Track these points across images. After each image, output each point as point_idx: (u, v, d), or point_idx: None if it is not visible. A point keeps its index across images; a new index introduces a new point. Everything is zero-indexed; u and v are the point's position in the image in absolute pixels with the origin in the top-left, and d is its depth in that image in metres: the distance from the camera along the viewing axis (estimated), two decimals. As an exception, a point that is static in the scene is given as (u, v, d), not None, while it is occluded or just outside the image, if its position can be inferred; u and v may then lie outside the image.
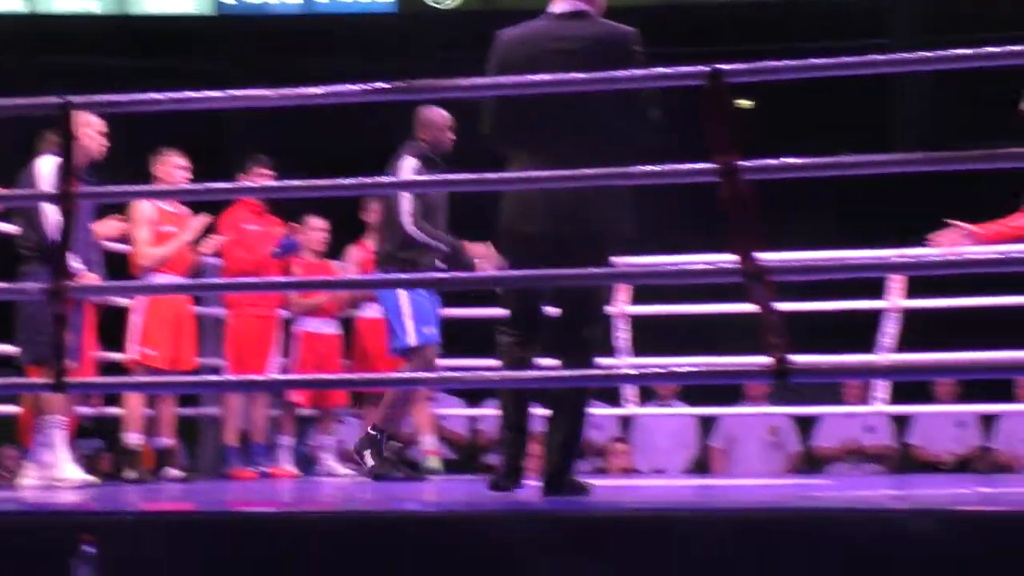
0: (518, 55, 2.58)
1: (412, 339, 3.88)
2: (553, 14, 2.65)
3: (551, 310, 2.77)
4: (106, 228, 3.92)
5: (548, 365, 2.92)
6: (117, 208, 3.95)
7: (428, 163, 3.93)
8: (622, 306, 4.34)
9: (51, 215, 3.04)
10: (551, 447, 2.70)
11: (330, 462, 4.45)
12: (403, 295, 3.91)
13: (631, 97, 2.57)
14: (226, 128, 8.83)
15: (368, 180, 2.78)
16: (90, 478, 3.65)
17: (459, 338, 4.36)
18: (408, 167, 3.89)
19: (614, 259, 2.69)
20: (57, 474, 3.39)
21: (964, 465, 5.21)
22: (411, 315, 3.94)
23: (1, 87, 5.14)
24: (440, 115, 4.04)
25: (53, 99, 2.33)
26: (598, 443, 5.25)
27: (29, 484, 3.44)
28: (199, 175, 4.00)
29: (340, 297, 4.55)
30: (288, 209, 4.43)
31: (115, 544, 2.03)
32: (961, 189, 5.23)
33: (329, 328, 4.52)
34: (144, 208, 3.91)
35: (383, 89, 2.60)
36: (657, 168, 2.36)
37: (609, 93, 2.54)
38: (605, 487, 3.11)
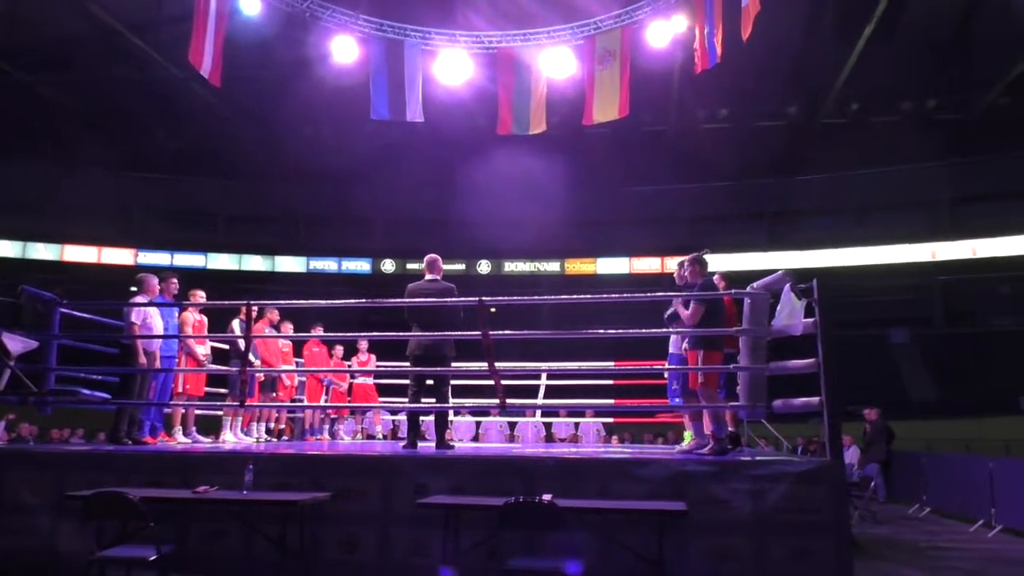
0: (414, 291, 5.96)
1: None
2: (427, 279, 6.07)
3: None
4: None
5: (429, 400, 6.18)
6: None
7: None
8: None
9: None
10: (436, 430, 6.03)
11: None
12: None
13: (453, 308, 5.96)
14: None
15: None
16: None
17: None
18: None
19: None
20: None
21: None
22: None
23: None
24: None
25: None
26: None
27: None
28: None
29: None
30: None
31: None
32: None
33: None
34: None
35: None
36: (454, 334, 5.72)
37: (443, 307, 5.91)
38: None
